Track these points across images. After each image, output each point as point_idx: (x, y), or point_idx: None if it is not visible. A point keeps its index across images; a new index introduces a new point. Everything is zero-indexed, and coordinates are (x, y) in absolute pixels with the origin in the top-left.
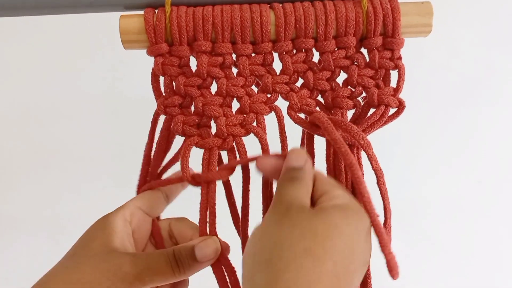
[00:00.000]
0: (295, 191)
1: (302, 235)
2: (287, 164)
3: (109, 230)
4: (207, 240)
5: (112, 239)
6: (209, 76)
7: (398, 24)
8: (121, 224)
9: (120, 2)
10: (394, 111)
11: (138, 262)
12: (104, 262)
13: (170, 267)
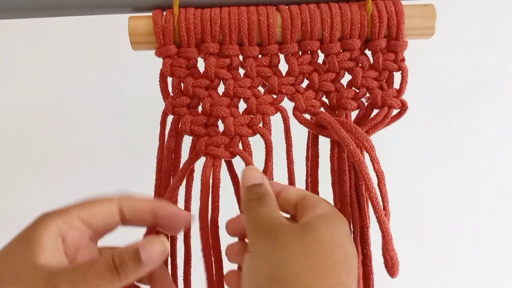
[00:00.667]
0: (267, 210)
1: (298, 254)
2: (246, 184)
3: (34, 243)
4: (152, 241)
5: (35, 254)
6: (216, 78)
7: (402, 27)
8: (50, 237)
9: (129, 3)
10: (397, 112)
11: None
12: (25, 282)
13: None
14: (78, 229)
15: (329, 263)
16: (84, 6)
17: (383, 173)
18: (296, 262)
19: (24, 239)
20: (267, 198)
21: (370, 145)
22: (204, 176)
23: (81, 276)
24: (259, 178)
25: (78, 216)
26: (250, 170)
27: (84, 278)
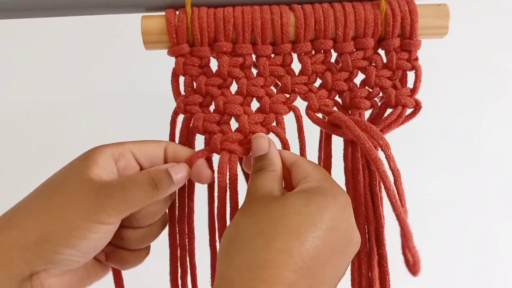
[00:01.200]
0: (260, 181)
1: (257, 220)
2: (254, 154)
3: (90, 161)
4: (177, 165)
5: (90, 169)
6: (229, 76)
7: (415, 26)
8: (104, 159)
9: (141, 3)
10: (411, 112)
11: (113, 189)
12: (78, 193)
13: (149, 188)
14: (128, 159)
15: (279, 229)
16: (97, 6)
17: (399, 172)
18: (251, 228)
19: (82, 158)
20: (264, 171)
21: (386, 143)
22: (221, 174)
23: (128, 188)
24: (265, 147)
25: (130, 149)
26: (257, 139)
27: (130, 190)
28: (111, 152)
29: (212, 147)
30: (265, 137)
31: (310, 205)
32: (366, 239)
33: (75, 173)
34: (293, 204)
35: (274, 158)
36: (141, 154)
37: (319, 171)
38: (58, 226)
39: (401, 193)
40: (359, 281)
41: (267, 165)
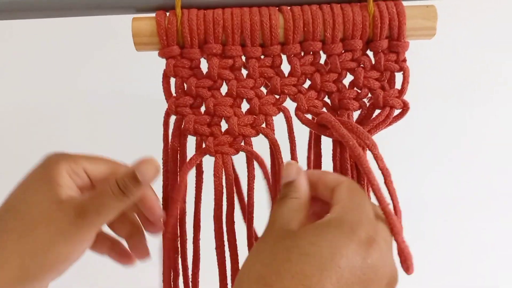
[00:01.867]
0: (281, 209)
1: (261, 260)
2: (282, 182)
3: (53, 184)
4: (145, 162)
5: (57, 193)
6: (219, 78)
7: (403, 28)
8: (64, 177)
9: (131, 4)
10: (399, 112)
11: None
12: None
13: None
14: (82, 177)
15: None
16: (86, 7)
17: (389, 171)
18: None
19: (41, 179)
20: (290, 198)
21: (372, 143)
22: (216, 177)
23: (99, 202)
24: (293, 174)
25: (82, 166)
26: (287, 166)
27: (102, 203)
28: (66, 171)
29: (206, 150)
30: (294, 164)
31: (319, 242)
32: None
33: (45, 199)
34: (300, 243)
35: (301, 185)
36: (92, 172)
37: (352, 198)
38: (42, 257)
39: (392, 192)
40: None
41: (290, 192)
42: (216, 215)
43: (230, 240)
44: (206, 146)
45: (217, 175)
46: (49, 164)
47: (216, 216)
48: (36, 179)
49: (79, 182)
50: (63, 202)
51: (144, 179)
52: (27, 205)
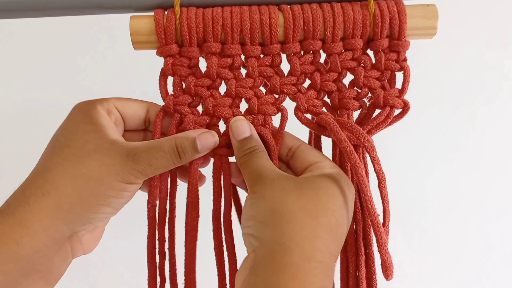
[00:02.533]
0: (261, 161)
1: (296, 197)
2: (237, 138)
3: (98, 124)
4: (206, 134)
5: (106, 132)
6: (218, 77)
7: (404, 27)
8: (105, 118)
9: (130, 3)
10: (399, 112)
11: (140, 155)
12: (109, 157)
13: (173, 156)
14: (116, 115)
15: (320, 207)
16: (85, 6)
17: (384, 174)
18: (292, 202)
19: (84, 121)
20: (259, 151)
21: (371, 145)
22: (215, 178)
23: (152, 155)
24: (247, 130)
25: (114, 105)
26: (236, 122)
27: (155, 157)
28: (102, 110)
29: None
30: (244, 120)
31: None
32: (354, 239)
33: (96, 137)
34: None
35: (259, 139)
36: (123, 111)
37: (327, 157)
38: (95, 188)
39: (384, 196)
40: (346, 280)
41: (256, 146)
42: (214, 216)
43: (228, 240)
44: None
45: (215, 176)
46: (86, 108)
47: (214, 216)
48: (79, 122)
49: (114, 121)
50: (115, 143)
51: (202, 149)
52: (79, 142)
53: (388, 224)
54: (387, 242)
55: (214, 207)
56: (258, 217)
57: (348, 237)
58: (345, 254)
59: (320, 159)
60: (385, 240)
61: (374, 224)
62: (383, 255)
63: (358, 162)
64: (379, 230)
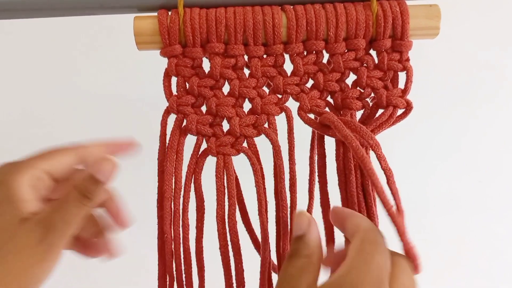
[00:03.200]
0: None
1: None
2: (294, 233)
3: (15, 201)
4: (101, 163)
5: (19, 209)
6: (222, 78)
7: (407, 27)
8: (26, 190)
9: (133, 3)
10: (402, 112)
11: (51, 220)
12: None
13: (82, 205)
14: (44, 181)
15: None
16: (88, 7)
17: (391, 171)
18: None
19: (2, 199)
20: (296, 257)
21: (376, 143)
22: (218, 178)
23: (64, 212)
24: (303, 226)
25: (43, 169)
26: (297, 216)
27: (67, 212)
28: (28, 182)
29: (208, 151)
30: (305, 215)
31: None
32: None
33: (8, 222)
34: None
35: (312, 240)
36: (55, 172)
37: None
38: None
39: (395, 192)
40: None
41: (301, 248)
42: (219, 216)
43: (232, 239)
44: (208, 147)
45: (218, 175)
46: (7, 179)
47: (219, 216)
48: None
49: (43, 187)
50: (28, 221)
51: (105, 177)
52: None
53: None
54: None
55: (218, 207)
56: None
57: None
58: None
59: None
60: (405, 230)
61: (391, 215)
62: (406, 245)
63: (365, 156)
64: (395, 220)
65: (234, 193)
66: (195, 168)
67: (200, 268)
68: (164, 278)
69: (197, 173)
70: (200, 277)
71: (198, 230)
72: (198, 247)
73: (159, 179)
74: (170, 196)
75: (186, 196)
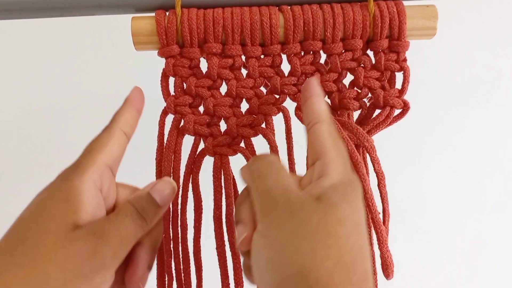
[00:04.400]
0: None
1: (326, 244)
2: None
3: (75, 203)
4: (159, 183)
5: (77, 215)
6: (219, 78)
7: (404, 27)
8: (90, 194)
9: (131, 4)
10: (399, 112)
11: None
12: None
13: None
14: (108, 177)
15: (355, 252)
16: (86, 7)
17: (384, 174)
18: (326, 255)
19: (60, 197)
20: (277, 164)
21: (371, 145)
22: (216, 178)
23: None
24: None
25: (105, 163)
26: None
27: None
28: (94, 183)
29: (205, 151)
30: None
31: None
32: None
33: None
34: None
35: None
36: (115, 162)
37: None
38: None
39: (384, 196)
40: None
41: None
42: (216, 215)
43: (230, 240)
44: (206, 147)
45: (216, 175)
46: (72, 176)
47: (216, 216)
48: (53, 197)
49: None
50: (82, 229)
51: (163, 201)
52: (38, 233)
53: (388, 223)
54: (387, 240)
55: (215, 207)
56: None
57: None
58: None
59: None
60: (386, 238)
61: (375, 222)
62: (383, 254)
63: (360, 161)
64: (379, 228)
65: (232, 193)
66: (192, 168)
67: (198, 268)
68: (162, 278)
69: (194, 173)
70: (198, 276)
71: (196, 229)
72: (196, 246)
73: (157, 179)
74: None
75: (184, 196)
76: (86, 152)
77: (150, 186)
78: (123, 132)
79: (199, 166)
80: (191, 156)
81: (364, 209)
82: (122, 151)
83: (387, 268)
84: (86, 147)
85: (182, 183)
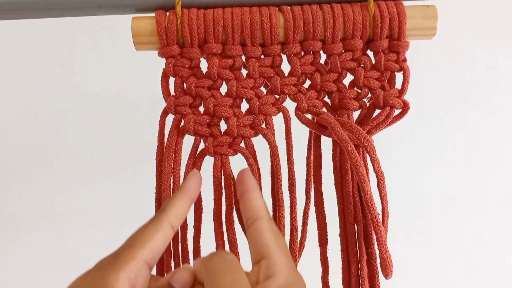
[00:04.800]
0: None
1: None
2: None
3: None
4: (179, 272)
5: None
6: (219, 78)
7: (404, 27)
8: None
9: (131, 4)
10: (399, 112)
11: None
12: None
13: None
14: (145, 274)
15: None
16: (86, 7)
17: (383, 174)
18: None
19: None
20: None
21: (371, 145)
22: (215, 178)
23: None
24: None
25: (144, 260)
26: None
27: None
28: (128, 280)
29: (205, 151)
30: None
31: None
32: (356, 238)
33: None
34: None
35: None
36: (154, 258)
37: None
38: None
39: (383, 196)
40: (348, 280)
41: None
42: (216, 215)
43: (230, 239)
44: (206, 147)
45: (216, 175)
46: (107, 276)
47: (216, 216)
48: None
49: (143, 281)
50: None
51: (182, 285)
52: None
53: (387, 223)
54: (386, 240)
55: (215, 207)
56: None
57: (350, 236)
58: (346, 254)
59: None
60: (385, 239)
61: (375, 223)
62: (382, 254)
63: (359, 162)
64: (379, 229)
65: (232, 193)
66: (193, 168)
67: None
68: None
69: None
70: None
71: (196, 229)
72: (196, 246)
73: (157, 179)
74: (168, 196)
75: None
76: (128, 244)
77: (170, 276)
78: (171, 226)
79: (199, 166)
80: (191, 156)
81: None
82: (165, 246)
83: (386, 268)
84: (129, 238)
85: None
